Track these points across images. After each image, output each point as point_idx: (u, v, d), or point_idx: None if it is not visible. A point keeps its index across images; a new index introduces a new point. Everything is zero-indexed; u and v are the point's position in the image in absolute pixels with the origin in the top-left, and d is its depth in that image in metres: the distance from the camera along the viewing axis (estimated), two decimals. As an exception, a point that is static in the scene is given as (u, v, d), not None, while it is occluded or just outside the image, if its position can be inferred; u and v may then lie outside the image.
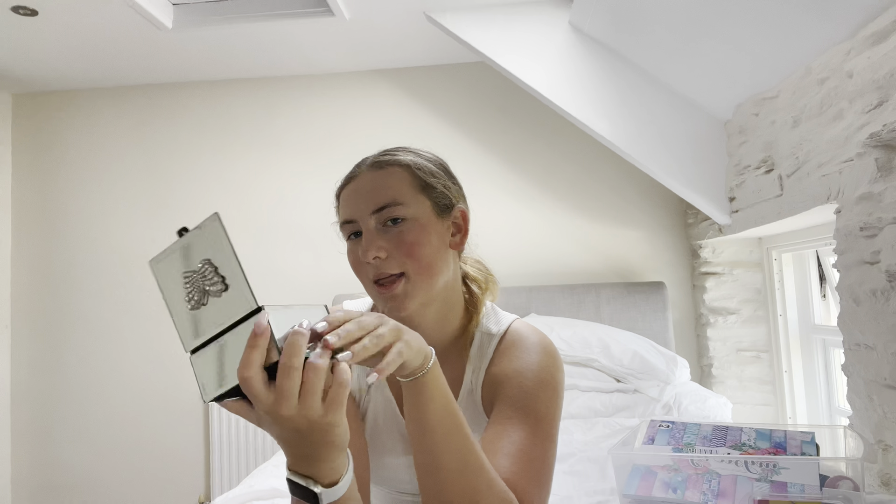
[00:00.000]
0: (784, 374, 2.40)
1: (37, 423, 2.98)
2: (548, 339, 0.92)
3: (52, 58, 2.70)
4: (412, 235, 0.83)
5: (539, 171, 2.86)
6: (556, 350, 0.91)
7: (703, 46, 1.98)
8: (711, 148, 2.32)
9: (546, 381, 0.85)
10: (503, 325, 0.94)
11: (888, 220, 1.29)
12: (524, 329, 0.93)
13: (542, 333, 0.93)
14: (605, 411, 2.18)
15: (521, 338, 0.91)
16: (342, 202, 0.90)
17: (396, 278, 0.83)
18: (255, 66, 2.89)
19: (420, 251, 0.83)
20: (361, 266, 0.86)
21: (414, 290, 0.84)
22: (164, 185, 3.02)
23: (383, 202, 0.84)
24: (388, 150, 0.93)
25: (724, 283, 2.58)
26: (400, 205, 0.84)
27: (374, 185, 0.86)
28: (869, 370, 1.40)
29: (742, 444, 1.08)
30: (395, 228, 0.84)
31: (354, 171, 0.91)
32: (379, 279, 0.84)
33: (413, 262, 0.83)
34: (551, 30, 2.37)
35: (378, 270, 0.83)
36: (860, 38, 1.42)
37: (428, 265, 0.84)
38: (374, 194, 0.85)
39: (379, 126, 2.94)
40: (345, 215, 0.88)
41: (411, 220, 0.85)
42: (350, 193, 0.88)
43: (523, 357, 0.88)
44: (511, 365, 0.87)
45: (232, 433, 2.81)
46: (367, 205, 0.85)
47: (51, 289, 3.02)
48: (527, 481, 0.75)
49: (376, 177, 0.87)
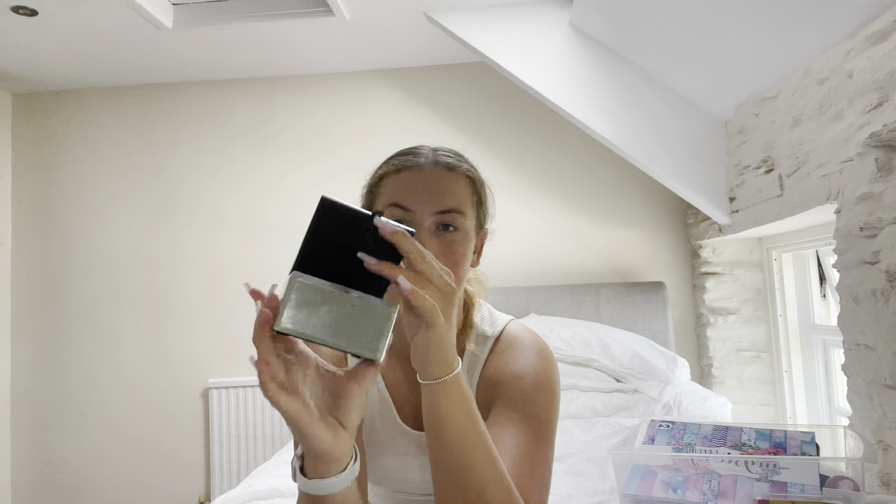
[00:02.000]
0: (784, 374, 2.40)
1: (37, 423, 2.98)
2: (543, 342, 0.92)
3: (52, 58, 2.70)
4: (462, 248, 0.84)
5: (539, 170, 2.86)
6: (551, 352, 0.91)
7: (704, 46, 1.98)
8: (711, 148, 2.32)
9: (544, 385, 0.85)
10: (498, 327, 0.94)
11: (888, 220, 1.29)
12: (520, 331, 0.93)
13: (537, 336, 0.93)
14: (605, 411, 2.18)
15: (517, 340, 0.91)
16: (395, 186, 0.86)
17: None
18: (255, 66, 2.89)
19: (462, 265, 0.85)
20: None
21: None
22: (164, 185, 3.02)
23: (449, 206, 0.84)
24: (445, 150, 0.91)
25: (724, 283, 2.58)
26: (461, 214, 0.85)
27: (442, 186, 0.85)
28: (869, 370, 1.40)
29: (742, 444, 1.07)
30: (447, 235, 0.84)
31: (412, 161, 0.88)
32: None
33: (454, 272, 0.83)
34: (551, 30, 2.37)
35: None
36: (860, 38, 1.42)
37: (462, 278, 0.85)
38: (442, 195, 0.84)
39: (379, 126, 2.94)
40: (399, 199, 0.84)
41: (463, 231, 0.85)
42: (413, 182, 0.85)
43: (520, 360, 0.88)
44: (508, 368, 0.88)
45: (232, 433, 2.81)
46: (431, 202, 0.83)
47: (51, 289, 3.02)
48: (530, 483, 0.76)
49: (446, 177, 0.86)
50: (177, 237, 2.99)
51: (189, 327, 2.95)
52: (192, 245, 2.98)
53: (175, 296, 2.97)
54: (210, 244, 2.97)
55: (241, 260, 2.94)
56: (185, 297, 2.96)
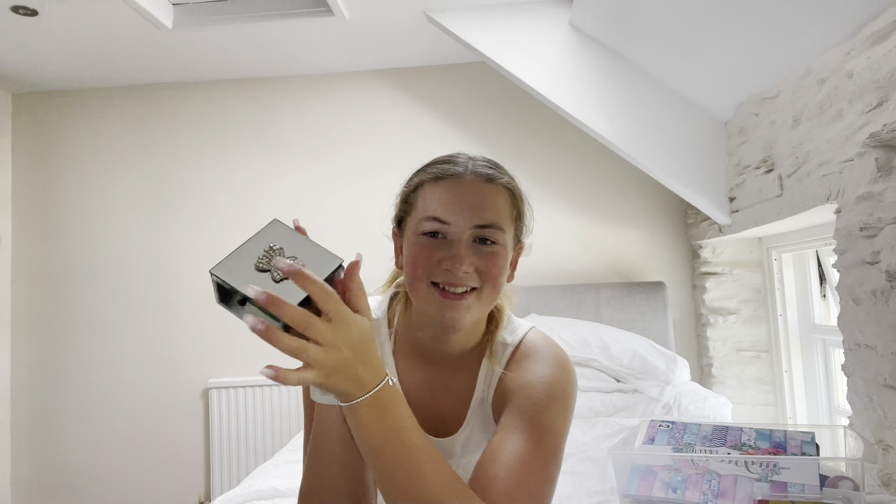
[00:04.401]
0: (784, 374, 2.40)
1: (37, 423, 2.98)
2: (562, 352, 0.91)
3: (52, 58, 2.70)
4: (501, 262, 0.84)
5: (539, 170, 2.86)
6: (570, 364, 0.90)
7: (704, 46, 1.98)
8: (711, 148, 2.32)
9: (556, 395, 0.84)
10: (518, 335, 0.93)
11: (888, 220, 1.29)
12: (539, 340, 0.92)
13: (557, 346, 0.92)
14: (605, 411, 2.18)
15: (535, 349, 0.90)
16: (434, 197, 0.85)
17: (468, 292, 0.83)
18: (255, 66, 2.89)
19: (500, 279, 0.85)
20: (430, 267, 0.83)
21: (478, 311, 0.85)
22: (164, 185, 3.02)
23: (489, 221, 0.83)
24: (486, 160, 0.90)
25: (724, 283, 2.58)
26: (501, 230, 0.84)
27: (482, 199, 0.84)
28: (869, 370, 1.40)
29: (742, 444, 1.07)
30: (486, 248, 0.84)
31: (452, 170, 0.86)
32: (450, 286, 0.83)
33: (490, 287, 0.84)
34: (551, 30, 2.37)
35: (455, 279, 0.82)
36: (860, 38, 1.42)
37: (497, 291, 0.85)
38: (482, 210, 0.83)
39: (379, 126, 2.95)
40: (438, 213, 0.83)
41: (502, 245, 0.85)
42: (452, 195, 0.84)
43: (536, 369, 0.87)
44: (523, 376, 0.87)
45: (232, 433, 2.81)
46: (471, 216, 0.83)
47: (51, 288, 3.02)
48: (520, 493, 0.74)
49: (486, 190, 0.85)
50: (177, 237, 2.99)
51: (189, 327, 2.95)
52: (192, 245, 2.98)
53: (175, 296, 2.97)
54: (210, 244, 2.97)
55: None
56: (185, 296, 2.96)
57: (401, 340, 0.96)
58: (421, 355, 0.94)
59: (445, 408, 0.92)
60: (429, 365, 0.94)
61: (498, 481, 0.74)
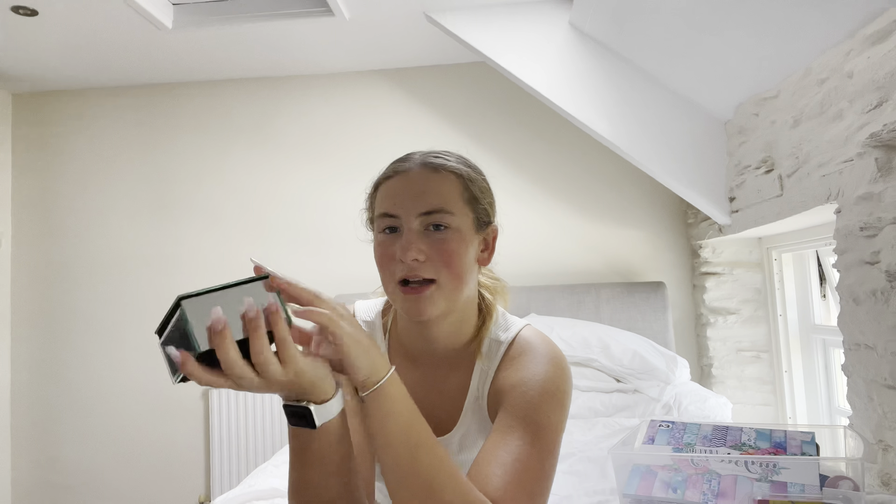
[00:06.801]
0: (784, 374, 2.40)
1: (37, 423, 2.98)
2: (557, 350, 0.90)
3: (52, 58, 2.70)
4: (453, 245, 0.83)
5: (539, 171, 2.86)
6: (565, 361, 0.89)
7: (704, 46, 1.98)
8: (711, 148, 2.32)
9: (551, 392, 0.84)
10: (511, 333, 0.93)
11: (888, 220, 1.29)
12: (533, 338, 0.92)
13: (551, 343, 0.91)
14: (605, 411, 2.18)
15: (529, 347, 0.90)
16: (384, 194, 0.87)
17: (427, 283, 0.83)
18: (255, 66, 2.89)
19: (457, 262, 0.83)
20: (390, 262, 0.84)
21: (441, 298, 0.84)
22: (164, 185, 3.02)
23: (433, 206, 0.83)
24: (438, 152, 0.91)
25: (724, 283, 2.58)
26: (448, 213, 0.84)
27: (426, 187, 0.85)
28: (869, 370, 1.40)
29: (742, 444, 1.07)
30: (437, 234, 0.83)
31: (401, 166, 0.88)
32: (408, 280, 0.83)
33: (448, 271, 0.83)
34: (551, 30, 2.37)
35: (411, 272, 0.82)
36: (860, 38, 1.42)
37: (459, 276, 0.84)
38: (426, 196, 0.84)
39: (379, 126, 2.94)
40: (386, 208, 0.85)
41: (454, 229, 0.84)
42: (397, 188, 0.86)
43: (530, 367, 0.86)
44: (517, 374, 0.86)
45: (232, 433, 2.81)
46: (415, 205, 0.84)
47: (51, 288, 3.02)
48: (517, 492, 0.74)
49: (429, 178, 0.86)
50: (177, 237, 2.99)
51: (189, 327, 2.94)
52: (192, 245, 2.98)
53: (174, 294, 2.96)
54: (210, 244, 2.97)
55: (242, 260, 2.94)
56: (185, 296, 2.95)
57: (394, 343, 0.97)
58: (413, 356, 0.94)
59: (440, 407, 0.92)
60: (422, 365, 0.94)
61: (494, 479, 0.74)
